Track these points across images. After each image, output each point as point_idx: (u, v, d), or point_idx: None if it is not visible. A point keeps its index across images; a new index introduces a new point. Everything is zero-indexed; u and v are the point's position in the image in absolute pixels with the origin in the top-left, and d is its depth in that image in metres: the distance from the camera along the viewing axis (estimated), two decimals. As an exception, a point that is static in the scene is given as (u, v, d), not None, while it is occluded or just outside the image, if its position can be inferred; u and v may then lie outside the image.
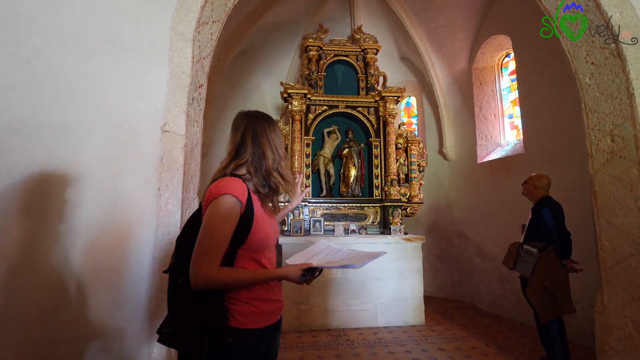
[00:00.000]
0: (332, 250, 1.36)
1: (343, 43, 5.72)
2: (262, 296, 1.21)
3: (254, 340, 1.18)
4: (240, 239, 1.17)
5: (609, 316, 2.43)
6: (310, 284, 1.32)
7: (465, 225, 5.93)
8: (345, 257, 1.29)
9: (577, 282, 2.95)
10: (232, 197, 1.13)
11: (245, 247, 1.19)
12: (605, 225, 2.49)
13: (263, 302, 1.21)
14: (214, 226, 1.12)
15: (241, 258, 1.19)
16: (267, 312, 1.22)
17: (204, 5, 2.28)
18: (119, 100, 2.04)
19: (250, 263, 1.21)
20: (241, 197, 1.15)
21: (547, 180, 3.18)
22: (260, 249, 1.22)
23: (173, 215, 2.04)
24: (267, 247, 1.25)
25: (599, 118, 2.56)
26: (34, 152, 1.81)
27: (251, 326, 1.17)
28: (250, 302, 1.18)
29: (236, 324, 1.15)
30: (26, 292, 1.70)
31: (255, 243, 1.19)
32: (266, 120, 1.32)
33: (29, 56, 1.89)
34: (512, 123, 5.65)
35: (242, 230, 1.16)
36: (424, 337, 3.96)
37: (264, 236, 1.22)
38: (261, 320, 1.20)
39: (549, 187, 3.18)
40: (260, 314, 1.20)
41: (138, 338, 1.92)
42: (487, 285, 5.36)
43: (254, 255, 1.21)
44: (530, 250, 2.98)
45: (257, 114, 1.34)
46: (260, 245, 1.21)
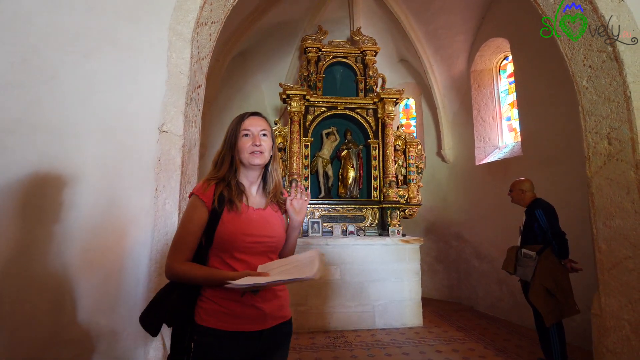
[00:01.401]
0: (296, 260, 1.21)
1: (342, 45, 5.73)
2: (227, 295, 1.15)
3: (216, 340, 1.13)
4: (208, 237, 1.21)
5: (606, 318, 2.43)
6: (308, 285, 1.31)
7: (463, 227, 5.94)
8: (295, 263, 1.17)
9: (576, 284, 2.95)
10: (195, 196, 1.23)
11: (214, 246, 1.21)
12: (602, 228, 2.50)
13: (228, 302, 1.15)
14: (180, 224, 1.25)
15: (212, 257, 1.22)
16: (237, 314, 1.15)
17: (202, 5, 2.28)
18: (116, 100, 2.03)
19: (220, 264, 1.20)
20: (202, 196, 1.21)
21: (530, 182, 3.23)
22: (226, 249, 1.19)
23: (170, 216, 2.03)
24: (234, 247, 1.19)
25: (596, 121, 2.57)
26: (30, 152, 1.80)
27: (216, 326, 1.14)
28: (214, 300, 1.16)
29: (200, 321, 1.17)
30: (20, 293, 1.69)
31: (220, 243, 1.20)
32: (232, 121, 1.33)
33: (25, 55, 1.88)
34: (510, 125, 5.66)
35: (210, 227, 1.20)
36: (421, 339, 3.95)
37: (229, 236, 1.18)
38: (229, 322, 1.14)
39: (534, 189, 3.22)
40: (227, 314, 1.15)
41: (134, 339, 1.91)
42: (484, 287, 5.37)
43: (222, 254, 1.21)
44: (529, 253, 2.98)
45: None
46: (225, 246, 1.19)
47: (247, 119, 1.30)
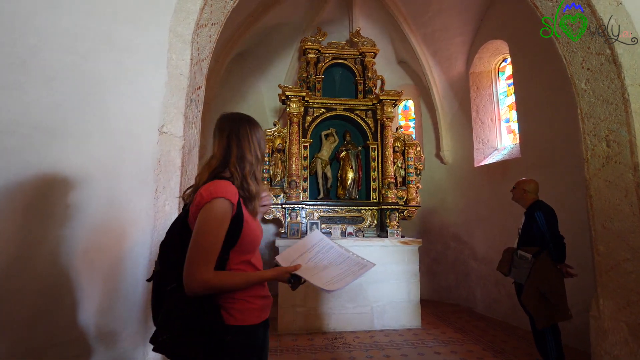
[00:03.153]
0: (323, 247, 1.35)
1: (341, 46, 5.75)
2: (256, 293, 1.23)
3: (251, 335, 1.20)
4: (232, 241, 1.18)
5: (604, 320, 2.44)
6: (306, 286, 1.32)
7: (462, 229, 5.95)
8: (333, 260, 1.29)
9: (573, 286, 2.96)
10: (225, 200, 1.13)
11: (237, 248, 1.20)
12: (600, 230, 2.51)
13: (257, 298, 1.23)
14: (208, 231, 1.11)
15: (232, 260, 1.20)
16: (261, 307, 1.25)
17: (203, 7, 2.28)
18: (115, 101, 2.02)
19: (241, 264, 1.22)
20: (233, 199, 1.16)
21: (535, 184, 3.19)
22: (249, 250, 1.25)
23: (170, 217, 2.03)
24: (256, 247, 1.28)
25: (595, 123, 2.59)
26: (29, 154, 1.79)
27: (248, 322, 1.19)
28: (246, 299, 1.19)
29: (234, 321, 1.15)
30: (19, 294, 1.68)
31: (246, 244, 1.22)
32: (249, 123, 1.33)
33: (25, 56, 1.88)
34: (509, 127, 5.68)
35: (234, 232, 1.17)
36: (420, 341, 3.96)
37: (253, 237, 1.25)
38: (257, 316, 1.22)
39: (537, 191, 3.18)
40: (255, 309, 1.22)
41: (133, 340, 1.91)
42: (482, 289, 5.38)
43: (244, 256, 1.23)
44: (525, 255, 2.96)
45: (241, 116, 1.35)
46: (250, 247, 1.24)
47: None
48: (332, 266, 1.27)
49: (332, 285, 1.19)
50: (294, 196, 4.90)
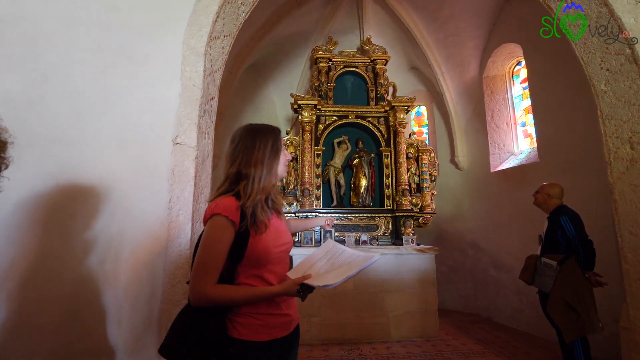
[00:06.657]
0: (335, 252, 1.32)
1: (352, 54, 5.77)
2: (264, 310, 1.20)
3: (255, 353, 1.17)
4: (237, 255, 1.18)
5: (636, 332, 2.31)
6: (321, 295, 1.30)
7: (479, 236, 5.80)
8: (344, 261, 1.26)
9: (600, 295, 2.81)
10: (222, 216, 1.15)
11: (245, 263, 1.19)
12: (627, 236, 2.39)
13: (265, 315, 1.20)
14: (207, 247, 1.15)
15: (242, 274, 1.20)
16: (272, 325, 1.21)
17: (215, 20, 2.33)
18: (131, 113, 2.08)
19: (251, 279, 1.21)
20: (232, 216, 1.16)
21: (560, 188, 3.05)
22: (260, 265, 1.21)
23: (184, 227, 2.05)
24: (268, 261, 1.22)
25: (617, 125, 2.49)
26: (48, 165, 1.85)
27: (253, 338, 1.17)
28: (251, 314, 1.18)
29: (237, 335, 1.16)
30: (37, 303, 1.72)
31: (253, 259, 1.19)
32: (261, 135, 1.28)
33: (46, 72, 1.95)
34: (525, 131, 5.56)
35: (239, 247, 1.17)
36: (439, 352, 3.84)
37: (261, 252, 1.19)
38: (265, 333, 1.19)
39: (562, 196, 3.04)
40: (263, 326, 1.19)
41: (147, 351, 1.91)
42: (503, 298, 5.20)
43: (254, 271, 1.21)
44: (549, 263, 2.82)
45: (255, 128, 1.30)
46: (258, 262, 1.20)
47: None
48: (342, 266, 1.24)
49: (333, 280, 1.15)
50: (307, 204, 4.89)
